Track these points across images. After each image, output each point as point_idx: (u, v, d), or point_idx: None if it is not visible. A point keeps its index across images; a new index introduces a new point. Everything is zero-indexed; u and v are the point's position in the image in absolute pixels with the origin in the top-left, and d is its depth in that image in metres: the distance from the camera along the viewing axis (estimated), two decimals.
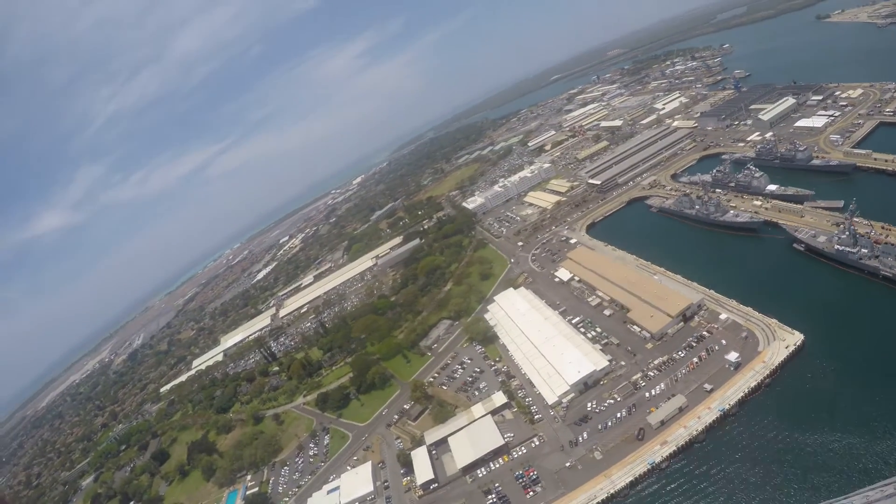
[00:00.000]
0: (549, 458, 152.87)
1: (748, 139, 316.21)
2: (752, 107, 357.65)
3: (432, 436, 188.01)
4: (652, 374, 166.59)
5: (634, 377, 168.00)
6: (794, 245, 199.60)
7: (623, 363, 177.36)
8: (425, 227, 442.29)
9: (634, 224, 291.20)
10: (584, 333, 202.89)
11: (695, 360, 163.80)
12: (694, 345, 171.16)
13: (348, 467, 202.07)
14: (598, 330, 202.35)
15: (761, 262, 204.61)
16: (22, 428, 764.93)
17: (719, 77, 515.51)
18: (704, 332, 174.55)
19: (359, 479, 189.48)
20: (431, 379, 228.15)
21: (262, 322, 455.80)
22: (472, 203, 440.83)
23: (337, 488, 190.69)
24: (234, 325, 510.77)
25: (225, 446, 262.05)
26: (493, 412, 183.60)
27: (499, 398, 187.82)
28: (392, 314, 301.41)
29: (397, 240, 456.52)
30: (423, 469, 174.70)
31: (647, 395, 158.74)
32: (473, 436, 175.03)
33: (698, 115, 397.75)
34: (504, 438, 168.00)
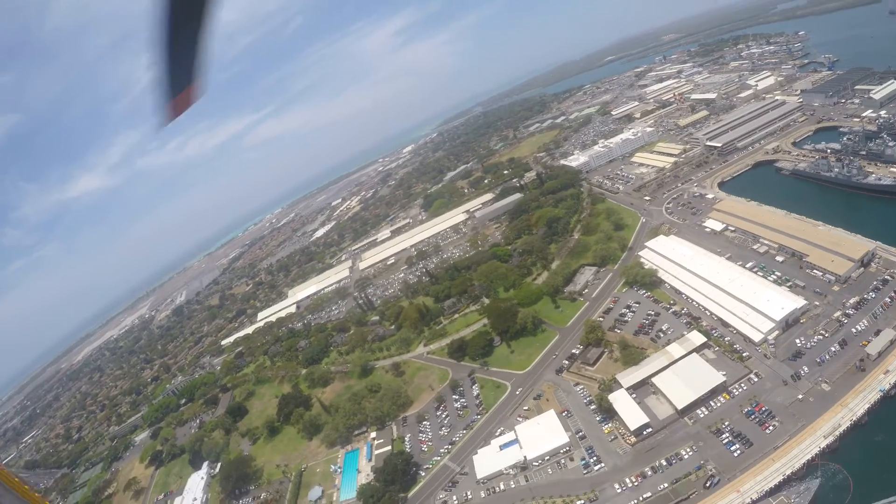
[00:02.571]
0: (774, 392, 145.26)
1: (863, 115, 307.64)
2: (856, 87, 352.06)
3: (628, 379, 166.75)
4: (850, 312, 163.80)
5: (834, 315, 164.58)
6: None
7: (817, 303, 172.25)
8: (519, 183, 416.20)
9: (766, 184, 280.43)
10: (764, 277, 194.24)
11: (887, 299, 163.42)
12: (880, 287, 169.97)
13: (519, 418, 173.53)
14: (778, 274, 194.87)
15: None
16: (57, 380, 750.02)
17: (805, 61, 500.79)
18: (887, 276, 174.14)
19: (543, 429, 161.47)
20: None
21: (338, 274, 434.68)
22: (574, 161, 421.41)
23: (514, 441, 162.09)
24: (301, 279, 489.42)
25: (324, 401, 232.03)
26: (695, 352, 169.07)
27: (696, 338, 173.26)
28: (517, 261, 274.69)
29: (488, 195, 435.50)
30: (631, 414, 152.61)
31: (852, 330, 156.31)
32: (684, 375, 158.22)
33: (799, 92, 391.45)
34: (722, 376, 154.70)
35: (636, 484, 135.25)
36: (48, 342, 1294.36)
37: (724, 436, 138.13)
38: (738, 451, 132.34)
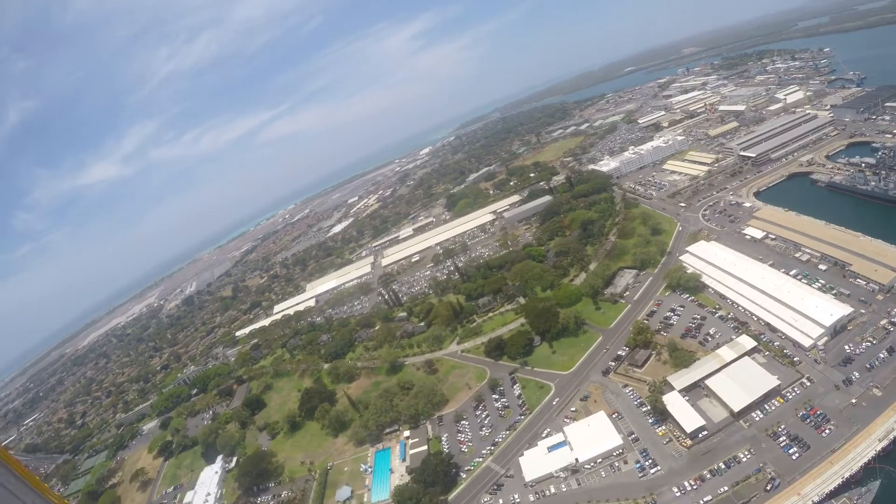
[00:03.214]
0: (827, 397, 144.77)
1: (894, 131, 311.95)
2: (887, 104, 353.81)
3: (680, 381, 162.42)
4: (895, 319, 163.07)
5: (881, 323, 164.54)
6: None
7: (863, 311, 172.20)
8: (548, 186, 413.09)
9: (802, 195, 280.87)
10: (808, 285, 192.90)
11: None
12: None
13: (566, 420, 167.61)
14: (822, 282, 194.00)
15: None
16: (61, 364, 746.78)
17: (833, 77, 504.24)
18: None
19: (595, 431, 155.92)
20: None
21: (360, 270, 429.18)
22: (604, 166, 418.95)
23: (563, 443, 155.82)
24: (320, 273, 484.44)
25: (350, 397, 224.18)
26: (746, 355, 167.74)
27: (746, 341, 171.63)
28: (553, 261, 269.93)
29: (515, 197, 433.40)
30: (686, 416, 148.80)
31: None
32: (738, 378, 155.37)
33: (829, 107, 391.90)
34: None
35: (695, 487, 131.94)
36: (53, 326, 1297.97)
37: (780, 439, 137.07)
38: (797, 455, 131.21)
